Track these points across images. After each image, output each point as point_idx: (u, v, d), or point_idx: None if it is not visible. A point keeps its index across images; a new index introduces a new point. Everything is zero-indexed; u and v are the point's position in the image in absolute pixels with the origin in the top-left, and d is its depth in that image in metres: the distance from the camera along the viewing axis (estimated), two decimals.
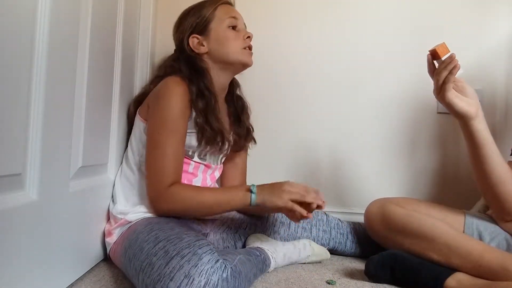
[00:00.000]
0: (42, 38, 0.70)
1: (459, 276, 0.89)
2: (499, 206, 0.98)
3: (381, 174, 1.46)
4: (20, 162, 0.67)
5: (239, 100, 1.25)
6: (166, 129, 0.99)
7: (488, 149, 0.94)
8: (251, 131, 1.25)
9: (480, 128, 0.94)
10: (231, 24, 1.12)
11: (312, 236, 1.19)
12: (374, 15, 1.47)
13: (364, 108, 1.47)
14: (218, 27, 1.12)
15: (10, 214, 0.65)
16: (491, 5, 1.45)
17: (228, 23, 1.12)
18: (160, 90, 1.04)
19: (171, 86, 1.02)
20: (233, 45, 1.11)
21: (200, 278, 0.71)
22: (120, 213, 1.02)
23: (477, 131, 0.94)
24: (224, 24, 1.12)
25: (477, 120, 0.94)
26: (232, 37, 1.12)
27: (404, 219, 1.02)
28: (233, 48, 1.11)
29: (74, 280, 0.90)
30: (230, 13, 1.14)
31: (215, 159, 1.17)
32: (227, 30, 1.12)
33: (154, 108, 1.03)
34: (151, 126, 1.02)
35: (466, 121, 0.94)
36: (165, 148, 0.98)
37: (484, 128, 0.94)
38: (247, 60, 1.13)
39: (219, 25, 1.12)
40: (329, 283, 0.98)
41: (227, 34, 1.11)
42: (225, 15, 1.13)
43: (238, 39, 1.12)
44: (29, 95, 0.68)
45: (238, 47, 1.11)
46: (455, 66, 0.90)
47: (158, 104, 1.02)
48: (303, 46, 1.47)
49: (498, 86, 1.44)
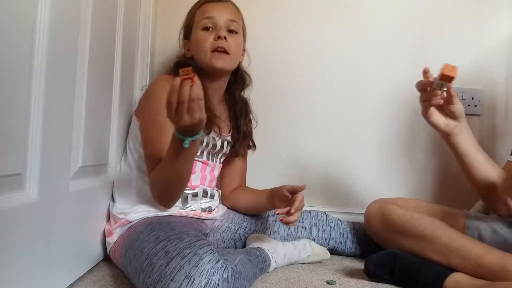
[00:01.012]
0: (42, 38, 0.70)
1: (458, 276, 0.89)
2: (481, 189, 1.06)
3: (381, 174, 1.46)
4: (20, 162, 0.67)
5: (240, 102, 1.22)
6: (156, 123, 0.98)
7: (470, 158, 1.03)
8: (248, 138, 1.22)
9: (457, 141, 1.02)
10: (203, 26, 1.09)
11: (312, 236, 1.19)
12: (374, 16, 1.47)
13: (364, 108, 1.47)
14: (194, 31, 1.11)
15: (10, 214, 0.64)
16: (491, 5, 1.45)
17: (202, 25, 1.09)
18: (149, 87, 1.09)
19: (158, 82, 1.05)
20: (202, 48, 1.07)
21: (201, 279, 0.71)
22: (120, 212, 1.02)
23: (455, 144, 1.03)
24: (198, 27, 1.09)
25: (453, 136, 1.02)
26: (201, 39, 1.08)
27: (404, 219, 1.03)
28: (203, 51, 1.07)
29: (74, 280, 0.90)
30: (205, 13, 1.10)
31: (212, 157, 1.16)
32: (200, 33, 1.09)
33: (144, 104, 1.06)
34: (142, 123, 1.05)
35: (443, 136, 1.04)
36: (156, 143, 0.97)
37: (463, 141, 1.02)
38: (214, 63, 1.06)
39: (195, 28, 1.11)
40: (329, 283, 0.98)
41: (198, 37, 1.09)
42: (200, 16, 1.10)
43: (206, 41, 1.07)
44: (29, 95, 0.68)
45: (207, 50, 1.07)
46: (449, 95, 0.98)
47: (147, 100, 1.05)
48: (303, 47, 1.47)
49: (498, 86, 1.44)
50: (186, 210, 1.07)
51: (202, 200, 1.12)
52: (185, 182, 0.95)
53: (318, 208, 1.39)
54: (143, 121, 1.05)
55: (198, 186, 1.12)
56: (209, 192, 1.14)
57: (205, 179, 1.15)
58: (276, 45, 1.46)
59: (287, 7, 1.47)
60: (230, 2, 1.17)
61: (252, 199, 1.18)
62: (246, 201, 1.19)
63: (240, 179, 1.27)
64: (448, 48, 1.45)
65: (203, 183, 1.14)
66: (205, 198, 1.13)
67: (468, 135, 1.03)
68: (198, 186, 1.12)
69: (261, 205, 1.14)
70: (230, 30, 1.10)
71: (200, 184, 1.13)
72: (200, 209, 1.11)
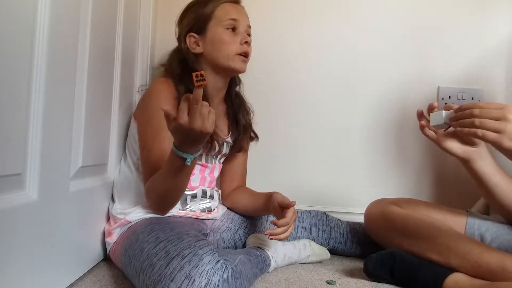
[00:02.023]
0: (42, 38, 0.70)
1: (458, 277, 0.89)
2: (505, 212, 1.01)
3: (381, 174, 1.46)
4: (20, 162, 0.67)
5: (236, 98, 1.21)
6: (151, 128, 0.99)
7: (490, 181, 0.96)
8: (249, 130, 1.21)
9: (476, 166, 0.96)
10: (229, 26, 1.06)
11: (312, 236, 1.19)
12: (375, 16, 1.46)
13: (364, 107, 1.47)
14: (215, 28, 1.07)
15: (10, 214, 0.64)
16: (491, 5, 1.45)
17: (226, 25, 1.06)
18: (146, 91, 1.07)
19: (156, 86, 1.04)
20: (226, 49, 1.06)
21: (201, 279, 0.71)
22: (120, 213, 1.02)
23: (475, 169, 0.96)
24: (221, 26, 1.06)
25: (472, 162, 0.96)
26: (227, 41, 1.06)
27: (403, 219, 1.03)
28: (226, 52, 1.06)
29: (74, 280, 0.90)
30: (230, 14, 1.07)
31: (211, 159, 1.16)
32: (224, 32, 1.06)
33: (141, 107, 1.06)
34: (139, 127, 1.04)
35: (462, 162, 0.98)
36: (151, 148, 0.98)
37: (483, 165, 0.96)
38: (239, 67, 1.07)
39: (217, 26, 1.07)
40: (329, 283, 0.98)
41: (223, 37, 1.06)
42: (225, 16, 1.07)
43: (233, 44, 1.06)
44: (29, 95, 0.68)
45: (231, 52, 1.06)
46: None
47: (144, 103, 1.05)
48: (301, 45, 1.47)
49: (498, 86, 1.44)
50: (186, 211, 1.07)
51: (202, 201, 1.12)
52: (182, 193, 0.96)
53: (318, 208, 1.39)
54: (140, 124, 1.05)
55: (197, 187, 1.11)
56: (209, 192, 1.14)
57: (204, 180, 1.15)
58: (274, 43, 1.46)
59: (285, 6, 1.47)
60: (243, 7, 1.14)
61: (250, 203, 1.16)
62: (244, 203, 1.19)
63: (240, 178, 1.26)
64: (447, 47, 1.45)
65: (202, 184, 1.14)
66: (205, 198, 1.13)
67: (487, 159, 0.97)
68: (197, 187, 1.11)
69: (259, 210, 1.14)
70: (248, 34, 1.11)
71: (199, 185, 1.13)
72: (199, 210, 1.11)
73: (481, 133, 0.81)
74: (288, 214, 0.97)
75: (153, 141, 0.98)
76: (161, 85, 1.03)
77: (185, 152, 0.81)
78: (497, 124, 0.80)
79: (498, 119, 0.81)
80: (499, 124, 0.80)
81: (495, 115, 0.81)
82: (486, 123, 0.81)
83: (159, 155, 0.96)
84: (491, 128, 0.80)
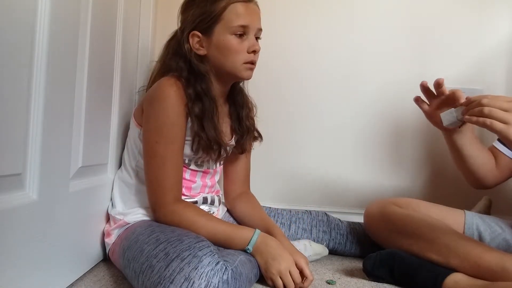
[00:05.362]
0: (42, 38, 0.70)
1: (457, 277, 0.89)
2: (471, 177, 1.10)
3: (381, 174, 1.46)
4: (20, 162, 0.67)
5: (239, 95, 1.13)
6: (163, 137, 0.93)
7: (464, 151, 1.04)
8: (252, 130, 1.15)
9: (455, 138, 1.02)
10: (237, 32, 0.97)
11: (312, 237, 1.19)
12: (375, 16, 1.47)
13: (365, 107, 1.47)
14: (222, 32, 0.98)
15: (10, 214, 0.64)
16: (491, 5, 1.45)
17: (234, 31, 0.97)
18: (154, 93, 0.97)
19: (166, 90, 0.94)
20: (232, 58, 0.99)
21: (200, 281, 0.70)
22: (119, 213, 1.02)
23: (453, 140, 1.03)
24: (229, 31, 0.97)
25: (452, 133, 1.02)
26: (234, 49, 0.98)
27: (403, 219, 1.03)
28: (232, 59, 0.99)
29: (74, 280, 0.90)
30: (241, 19, 0.97)
31: (213, 164, 1.12)
32: (232, 39, 0.97)
33: (149, 113, 0.97)
34: (146, 133, 0.97)
35: (443, 133, 1.05)
36: (164, 159, 0.93)
37: (460, 137, 1.02)
38: (245, 76, 1.02)
39: (224, 30, 0.97)
40: (329, 283, 0.98)
41: (230, 44, 0.98)
42: (235, 21, 0.97)
43: (240, 52, 0.98)
44: (29, 95, 0.68)
45: (238, 61, 0.99)
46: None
47: (152, 109, 0.96)
48: (303, 45, 1.47)
49: (498, 86, 1.44)
50: None
51: (202, 207, 1.09)
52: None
53: (318, 208, 1.39)
54: (147, 132, 0.97)
55: (198, 194, 1.09)
56: (209, 198, 1.12)
57: (205, 186, 1.12)
58: (274, 43, 1.45)
59: (285, 6, 1.47)
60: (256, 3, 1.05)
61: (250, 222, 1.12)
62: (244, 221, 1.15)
63: (244, 182, 1.22)
64: (447, 48, 1.45)
65: (203, 191, 1.11)
66: (205, 205, 1.11)
67: (467, 133, 1.02)
68: (198, 194, 1.09)
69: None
70: (256, 38, 1.03)
71: (200, 192, 1.10)
72: None
73: (490, 122, 0.82)
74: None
75: (165, 151, 0.93)
76: (171, 89, 0.95)
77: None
78: (506, 115, 0.80)
79: (507, 110, 0.81)
80: (508, 115, 0.80)
81: (504, 106, 0.81)
82: (495, 113, 0.81)
83: (172, 167, 0.94)
84: (500, 118, 0.80)
